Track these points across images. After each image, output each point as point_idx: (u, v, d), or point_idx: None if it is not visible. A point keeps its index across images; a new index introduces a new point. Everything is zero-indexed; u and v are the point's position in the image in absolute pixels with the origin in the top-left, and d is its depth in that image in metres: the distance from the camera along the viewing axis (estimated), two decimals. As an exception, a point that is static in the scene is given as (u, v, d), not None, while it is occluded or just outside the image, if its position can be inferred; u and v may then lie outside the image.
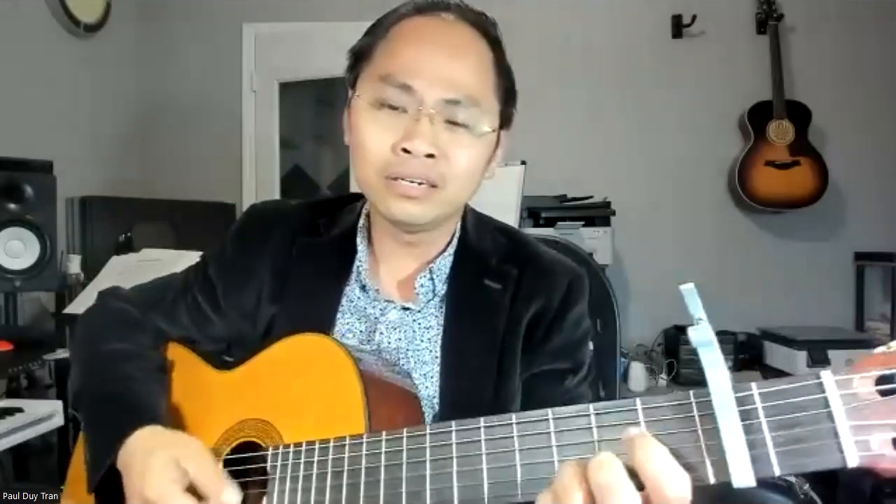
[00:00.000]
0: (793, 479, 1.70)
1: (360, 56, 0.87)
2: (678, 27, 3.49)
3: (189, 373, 0.89)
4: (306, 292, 0.90)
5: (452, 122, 0.80)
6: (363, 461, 0.64)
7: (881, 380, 0.44)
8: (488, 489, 0.56)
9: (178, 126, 3.69)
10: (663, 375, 3.02)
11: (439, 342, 0.88)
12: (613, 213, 3.11)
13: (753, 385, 0.48)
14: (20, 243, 2.20)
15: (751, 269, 3.40)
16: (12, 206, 2.18)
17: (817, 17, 3.44)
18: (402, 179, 0.80)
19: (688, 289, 0.49)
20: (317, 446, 0.68)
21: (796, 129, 3.29)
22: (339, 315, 0.90)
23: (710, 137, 3.48)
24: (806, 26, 3.45)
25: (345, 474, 0.65)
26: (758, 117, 3.33)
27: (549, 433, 0.54)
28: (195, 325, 0.95)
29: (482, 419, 0.58)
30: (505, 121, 0.88)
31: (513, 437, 0.56)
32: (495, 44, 0.87)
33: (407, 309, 0.90)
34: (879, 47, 3.41)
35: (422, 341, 0.89)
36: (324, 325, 0.88)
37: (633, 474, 0.47)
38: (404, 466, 0.61)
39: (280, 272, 0.91)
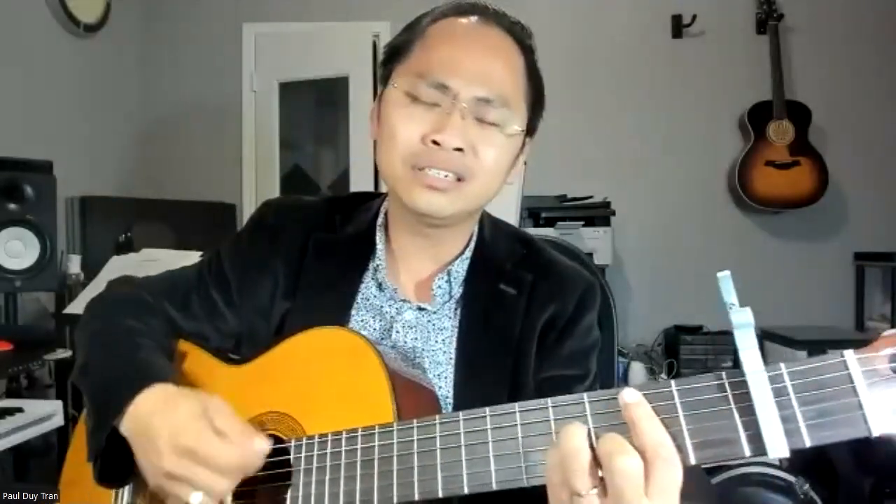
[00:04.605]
0: (792, 479, 1.70)
1: (396, 52, 0.87)
2: (678, 27, 3.50)
3: (198, 367, 0.88)
4: (321, 288, 0.90)
5: (483, 120, 0.82)
6: (395, 449, 0.64)
7: (894, 357, 0.49)
8: (526, 470, 0.58)
9: (178, 126, 3.69)
10: (663, 375, 3.03)
11: (453, 343, 0.89)
12: (613, 213, 3.11)
13: (782, 365, 0.51)
14: (20, 243, 2.19)
15: (751, 269, 3.40)
16: (12, 206, 2.18)
17: (817, 17, 3.45)
18: (430, 170, 0.81)
19: (723, 276, 0.53)
20: (343, 436, 0.68)
21: (796, 129, 3.29)
22: (353, 311, 0.90)
23: (710, 137, 3.49)
24: (806, 26, 3.45)
25: (375, 462, 0.65)
26: (758, 117, 3.33)
27: (585, 415, 0.56)
28: (207, 317, 0.93)
29: (517, 404, 0.60)
30: (531, 129, 0.90)
31: (549, 420, 0.58)
32: (528, 51, 0.88)
33: (422, 309, 0.90)
34: (879, 47, 3.42)
35: (436, 342, 0.89)
36: (338, 320, 0.88)
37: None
38: (438, 453, 0.62)
39: (294, 267, 0.91)
